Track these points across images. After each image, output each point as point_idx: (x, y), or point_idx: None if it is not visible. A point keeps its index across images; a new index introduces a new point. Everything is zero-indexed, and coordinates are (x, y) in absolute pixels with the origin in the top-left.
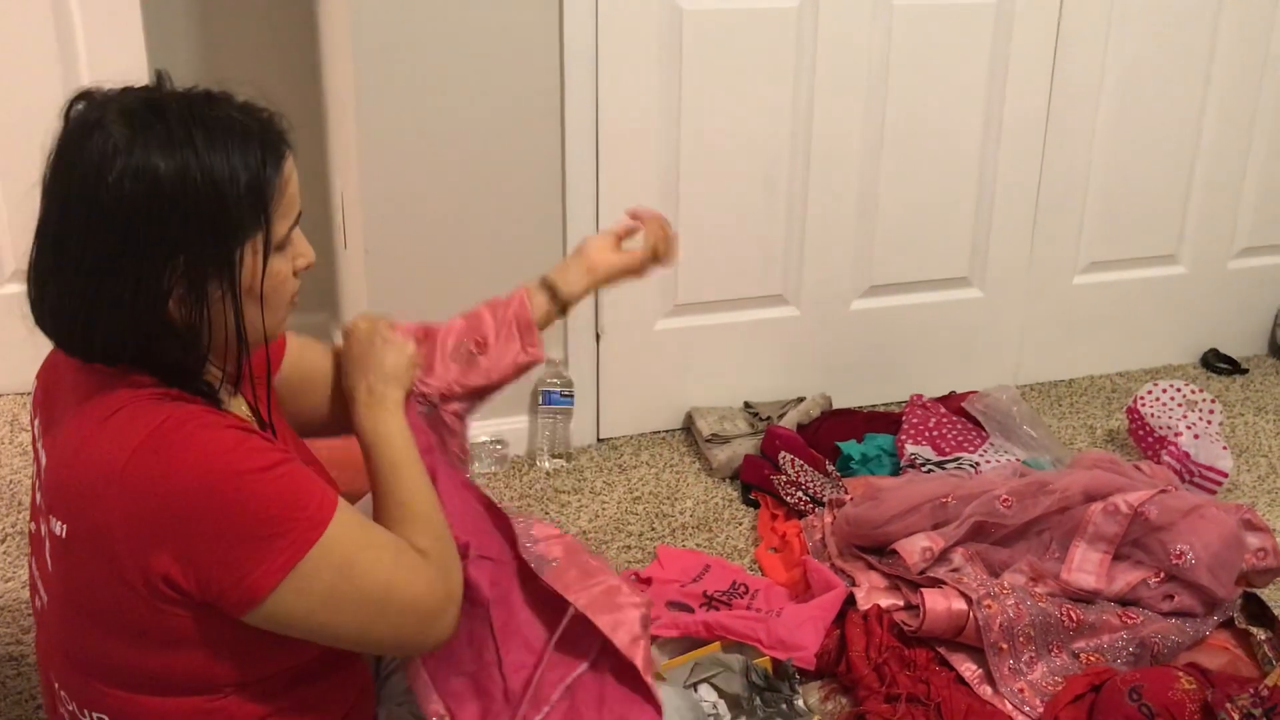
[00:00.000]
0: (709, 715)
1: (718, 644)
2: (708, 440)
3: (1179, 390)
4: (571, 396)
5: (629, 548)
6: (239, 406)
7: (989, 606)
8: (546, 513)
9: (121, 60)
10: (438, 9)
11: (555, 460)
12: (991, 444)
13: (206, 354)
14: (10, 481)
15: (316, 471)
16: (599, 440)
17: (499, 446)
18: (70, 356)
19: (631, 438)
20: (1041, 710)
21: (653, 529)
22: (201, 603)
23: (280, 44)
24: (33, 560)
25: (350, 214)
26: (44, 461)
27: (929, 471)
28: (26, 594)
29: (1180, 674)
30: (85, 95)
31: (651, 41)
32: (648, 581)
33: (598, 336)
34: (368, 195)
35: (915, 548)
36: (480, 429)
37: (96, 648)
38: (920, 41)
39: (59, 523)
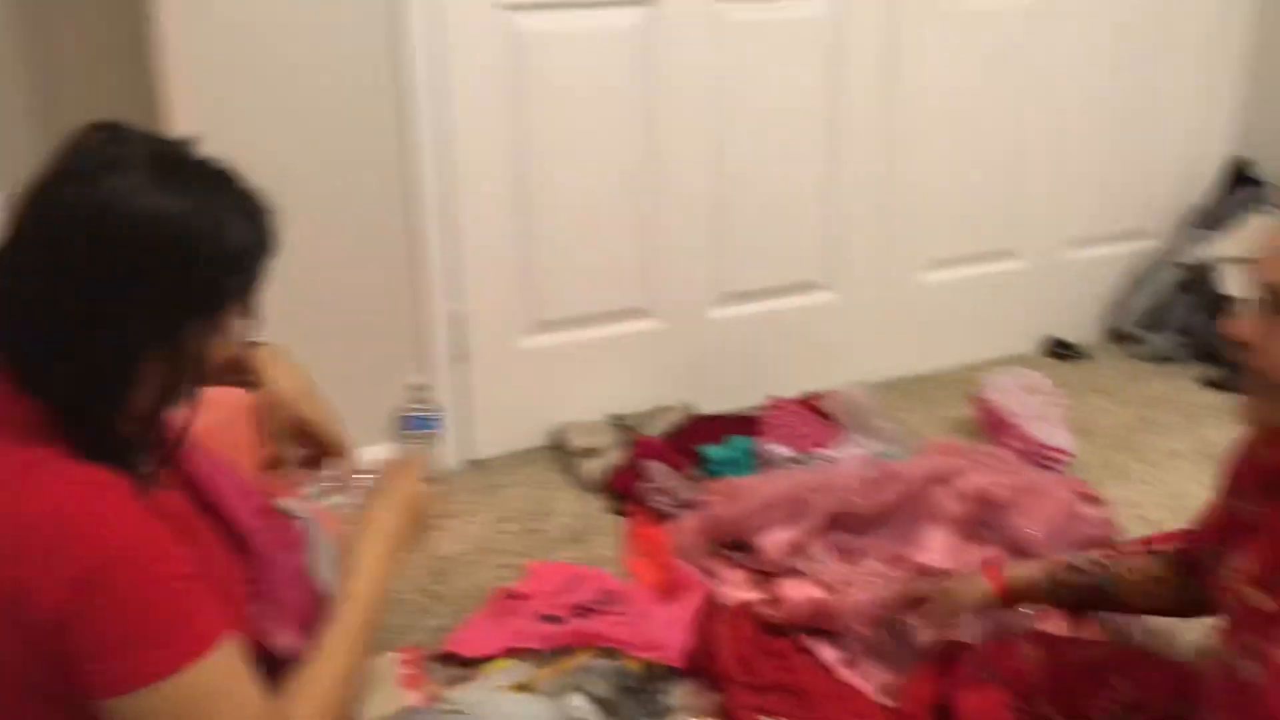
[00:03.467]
0: None
1: (589, 651)
2: (576, 454)
3: (1021, 377)
4: (438, 420)
5: (501, 566)
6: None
7: (846, 593)
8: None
9: None
10: (266, 49)
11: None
12: (848, 440)
13: (126, 429)
14: None
15: (228, 576)
16: (468, 462)
17: (365, 476)
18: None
19: (501, 457)
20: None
21: (524, 546)
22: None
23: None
24: None
25: None
26: None
27: (787, 469)
28: None
29: (1023, 643)
30: (110, 127)
31: (497, 65)
32: (518, 597)
33: (460, 359)
34: None
35: (774, 541)
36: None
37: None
38: (758, 54)
39: None
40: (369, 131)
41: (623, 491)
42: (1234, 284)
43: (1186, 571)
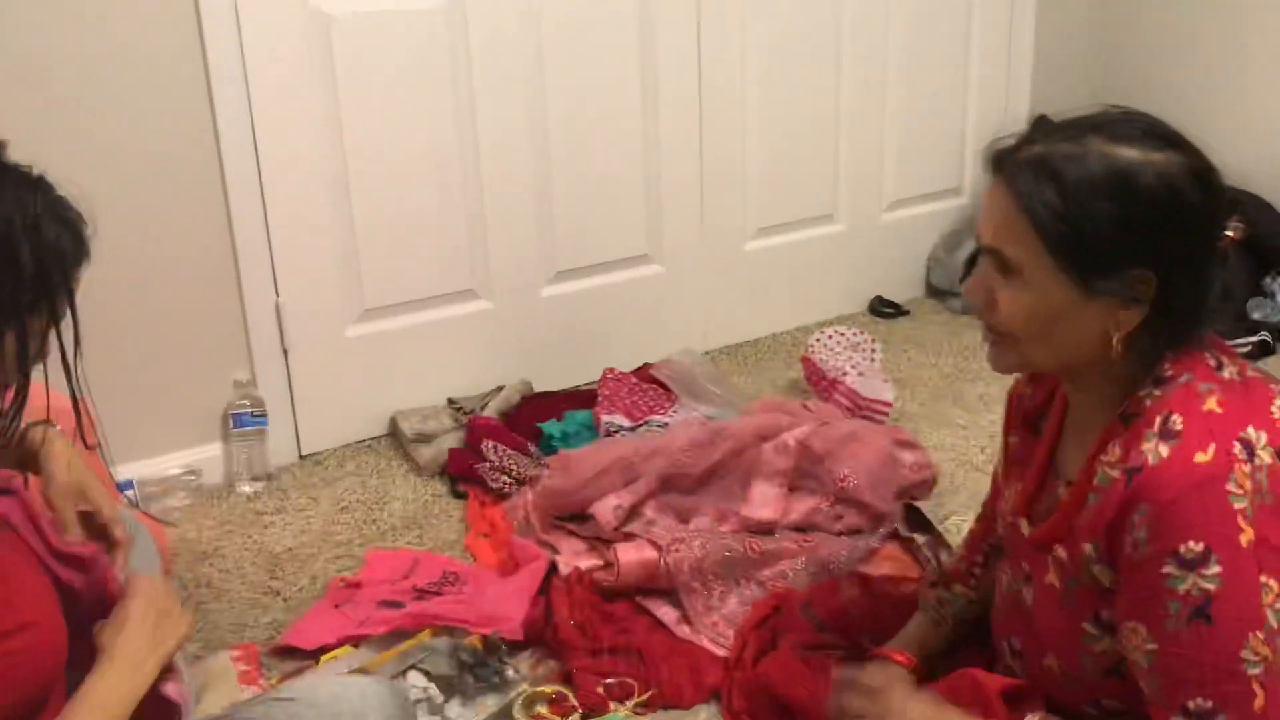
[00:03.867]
0: (418, 700)
1: (426, 632)
2: (412, 440)
3: (843, 334)
4: (264, 416)
5: (338, 557)
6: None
7: (677, 550)
8: (249, 536)
9: None
10: (67, 41)
11: (255, 483)
12: (681, 405)
13: None
14: None
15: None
16: (301, 457)
17: (192, 478)
18: None
19: (335, 450)
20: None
21: (362, 535)
22: None
23: None
24: None
25: None
26: None
27: (622, 435)
28: None
29: (844, 583)
30: None
31: (300, 51)
32: (356, 586)
33: (285, 352)
34: None
35: (607, 507)
36: (170, 461)
37: None
38: (570, 31)
39: None
40: (175, 124)
41: (460, 474)
42: None
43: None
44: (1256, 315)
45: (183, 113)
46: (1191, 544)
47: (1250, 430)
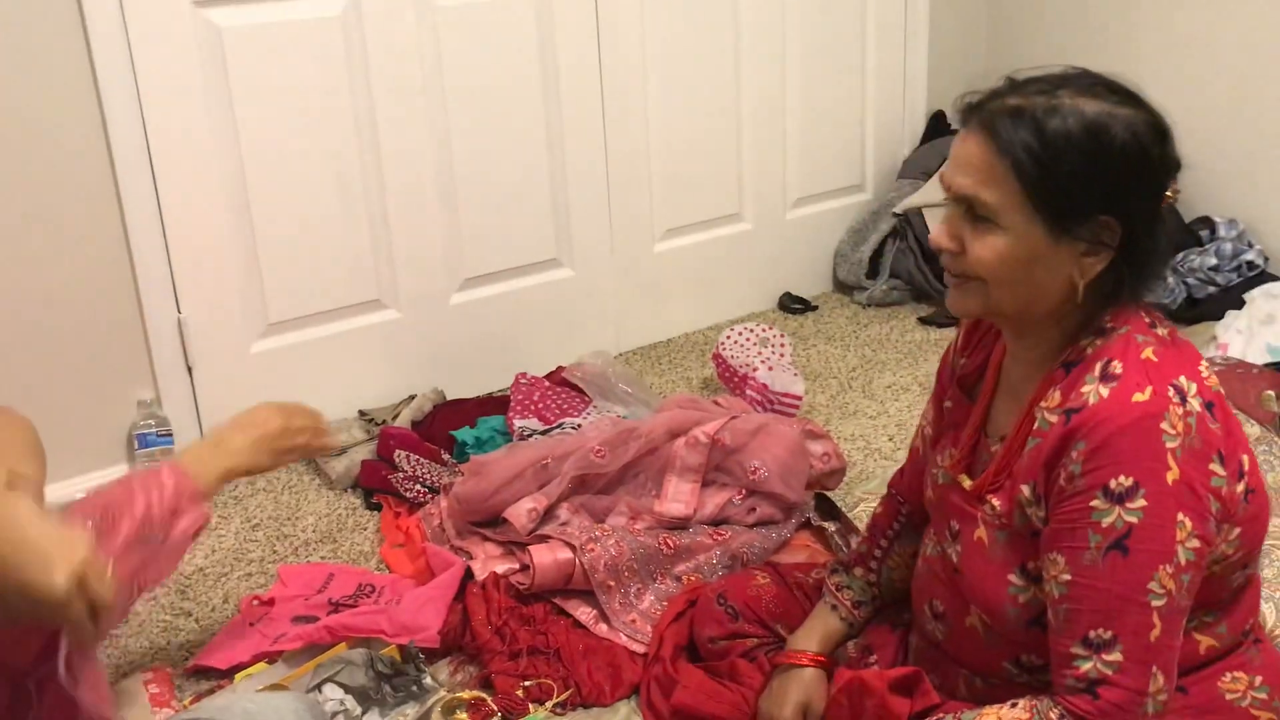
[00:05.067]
0: (335, 713)
1: (343, 645)
2: (323, 455)
3: (752, 331)
4: (170, 435)
5: (250, 574)
6: None
7: (592, 549)
8: None
9: None
10: None
11: None
12: (594, 407)
13: None
14: None
15: None
16: None
17: None
18: None
19: None
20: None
21: (274, 552)
22: None
23: None
24: None
25: None
26: None
27: (535, 440)
28: None
29: (757, 573)
30: None
31: (192, 64)
32: (270, 603)
33: (189, 369)
34: None
35: (521, 511)
36: (74, 485)
37: None
38: (469, 39)
39: None
40: (68, 141)
41: (374, 485)
42: (933, 228)
43: (924, 517)
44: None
45: (73, 129)
46: (1122, 478)
47: (1183, 379)
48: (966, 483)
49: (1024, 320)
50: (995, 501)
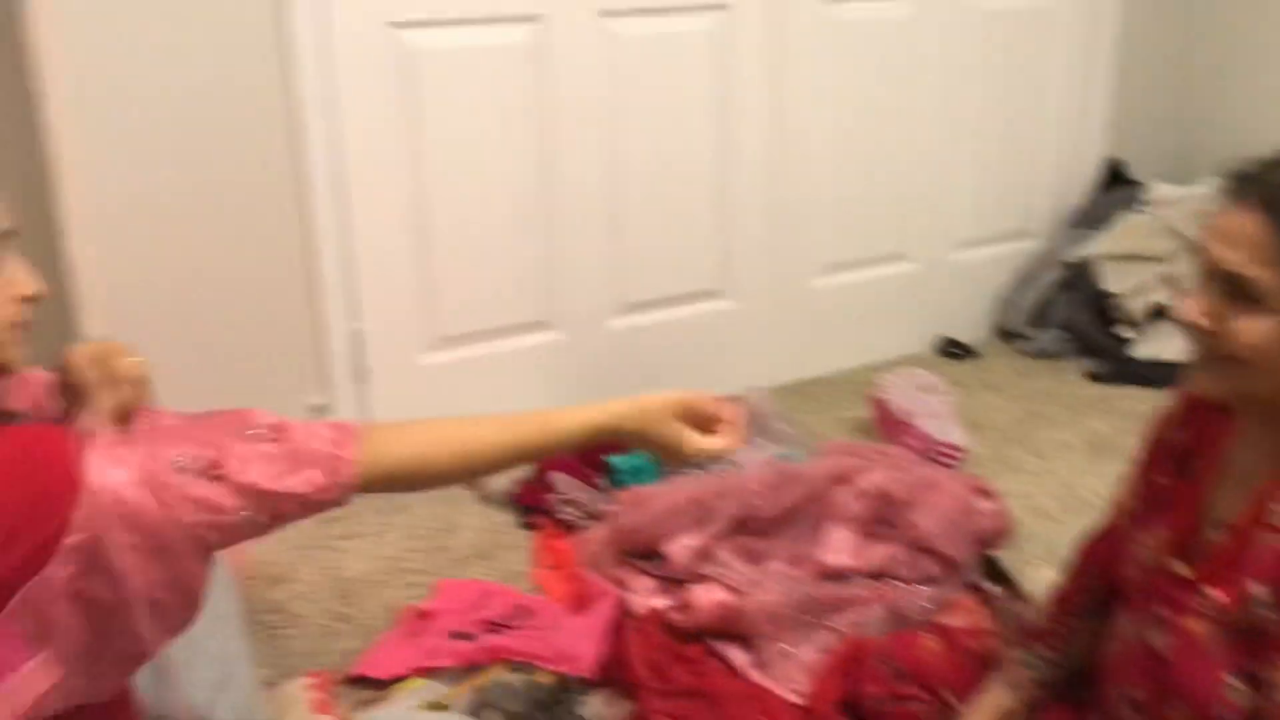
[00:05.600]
0: None
1: (501, 667)
2: None
3: (915, 377)
4: None
5: (410, 585)
6: None
7: (752, 594)
8: (323, 562)
9: None
10: (155, 72)
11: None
12: (750, 443)
13: None
14: None
15: None
16: None
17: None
18: None
19: None
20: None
21: (432, 563)
22: None
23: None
24: None
25: (83, 278)
26: None
27: (689, 473)
28: None
29: (924, 634)
30: None
31: (388, 82)
32: (428, 616)
33: (361, 378)
34: (103, 269)
35: (681, 547)
36: None
37: None
38: (647, 68)
39: None
40: (261, 152)
41: (530, 505)
42: (1112, 280)
43: (1118, 595)
44: None
45: (269, 139)
46: None
47: None
48: (1182, 569)
49: (1274, 407)
50: (1216, 594)
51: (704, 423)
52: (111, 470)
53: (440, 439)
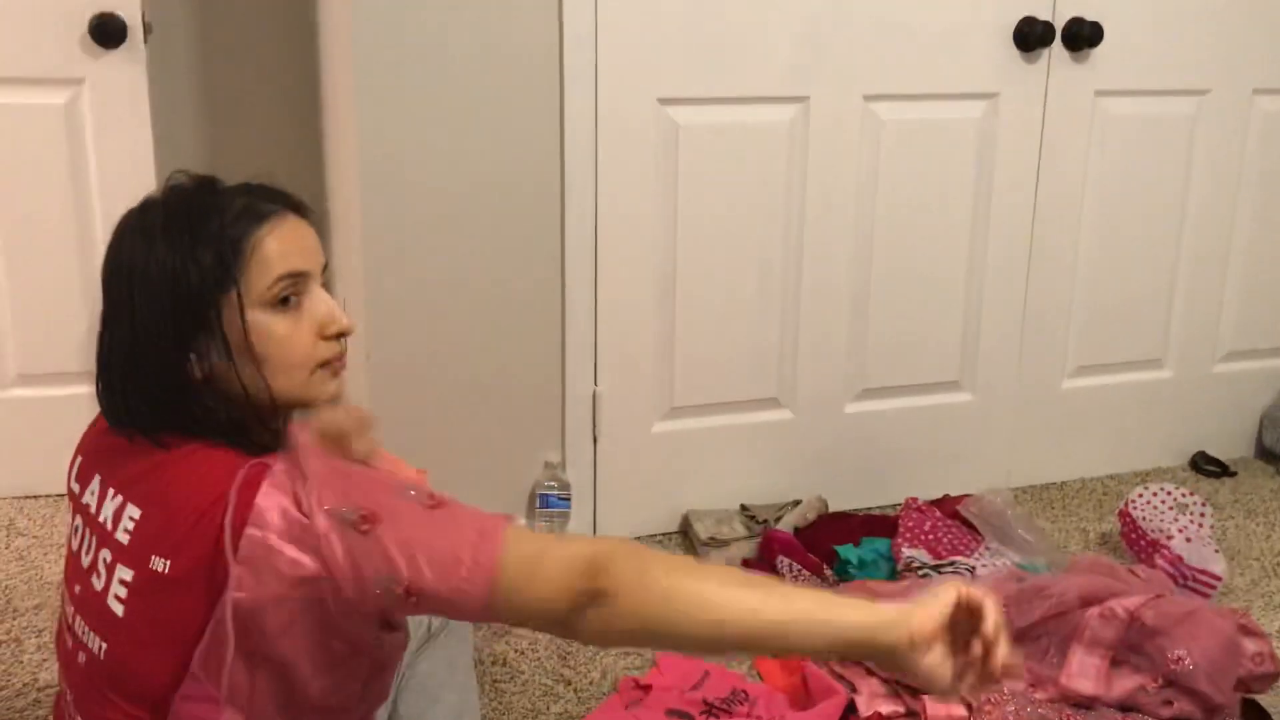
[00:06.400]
0: None
1: None
2: (705, 543)
3: (1169, 493)
4: (569, 499)
5: (627, 654)
6: None
7: (989, 713)
8: None
9: (130, 172)
10: (443, 121)
11: None
12: (987, 548)
13: (242, 413)
14: (4, 587)
15: None
16: None
17: None
18: (124, 431)
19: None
20: None
21: None
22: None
23: (285, 151)
24: (77, 620)
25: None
26: (118, 513)
27: (925, 576)
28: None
29: None
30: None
31: (649, 153)
32: (647, 688)
33: (595, 439)
34: (371, 301)
35: None
36: None
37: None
38: (908, 154)
39: (161, 560)
40: (534, 211)
41: None
42: None
43: None
44: None
45: (536, 203)
46: None
47: None
48: None
49: None
50: None
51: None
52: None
53: (704, 606)
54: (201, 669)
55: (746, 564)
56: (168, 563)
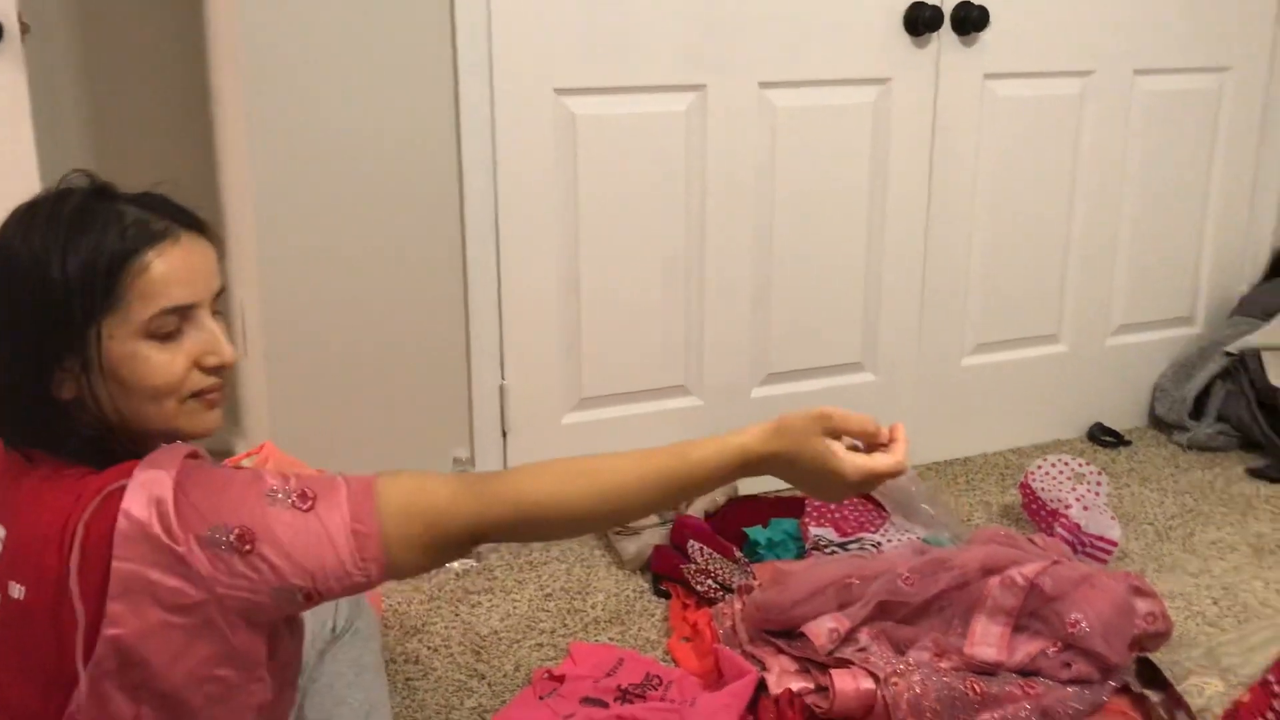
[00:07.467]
0: None
1: None
2: (617, 533)
3: (1067, 464)
4: None
5: (541, 645)
6: None
7: (896, 684)
8: (457, 614)
9: (13, 175)
10: (336, 116)
11: (465, 561)
12: (892, 523)
13: (108, 437)
14: None
15: None
16: None
17: None
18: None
19: None
20: None
21: (565, 625)
22: None
23: (175, 152)
24: None
25: (250, 321)
26: None
27: (832, 553)
28: None
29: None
30: None
31: (548, 145)
32: (560, 679)
33: (504, 434)
34: (268, 301)
35: (822, 629)
36: None
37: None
38: (804, 140)
39: (18, 586)
40: (431, 207)
41: (664, 572)
42: (1276, 373)
43: None
44: None
45: (435, 199)
46: None
47: None
48: None
49: None
50: None
51: (864, 443)
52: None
53: (576, 473)
54: (82, 712)
55: (658, 550)
56: (23, 589)
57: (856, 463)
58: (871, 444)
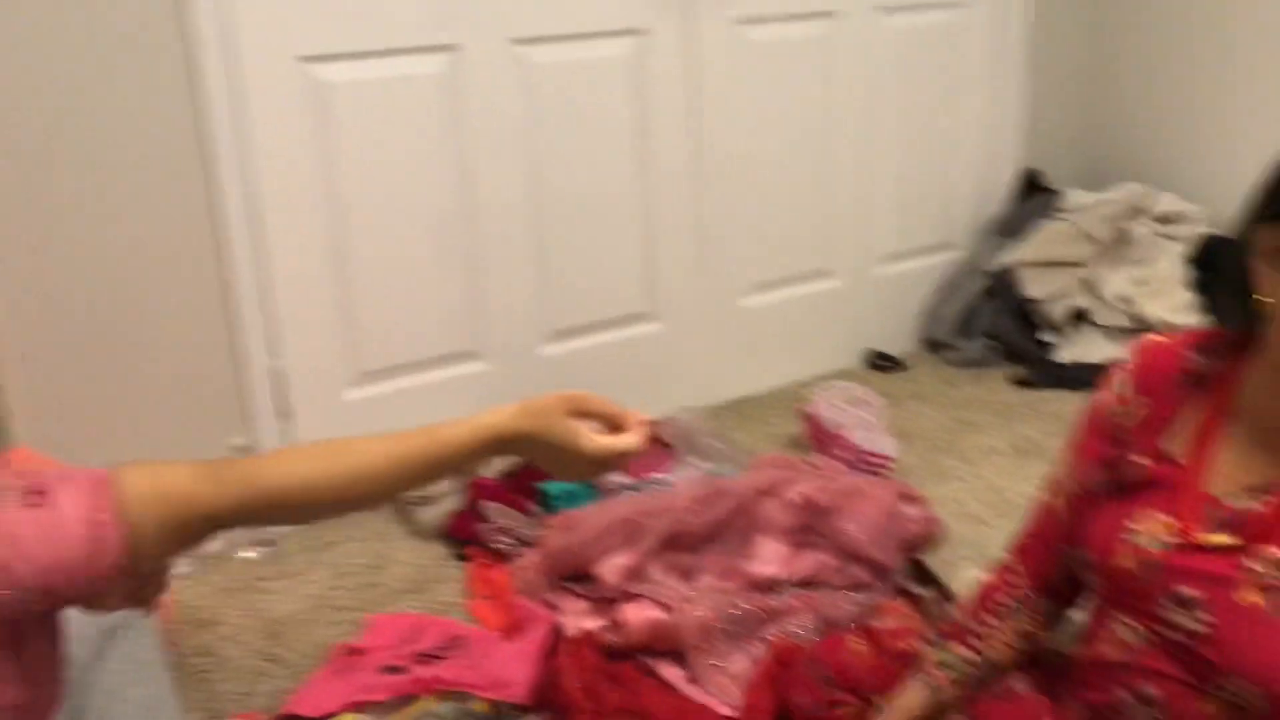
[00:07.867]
0: None
1: (434, 697)
2: (412, 503)
3: (845, 390)
4: None
5: (339, 623)
6: None
7: (684, 610)
8: (249, 602)
9: None
10: (55, 114)
11: (256, 548)
12: (683, 463)
13: None
14: None
15: None
16: None
17: None
18: None
19: None
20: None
21: (363, 601)
22: None
23: None
24: None
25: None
26: None
27: (625, 495)
28: None
29: (851, 639)
30: None
31: (299, 115)
32: (359, 652)
33: (284, 416)
34: (14, 302)
35: (612, 567)
36: None
37: None
38: (564, 95)
39: None
40: (174, 188)
41: (462, 536)
42: (1033, 287)
43: (1047, 593)
44: None
45: (178, 177)
46: None
47: None
48: (1224, 540)
49: None
50: (1272, 551)
51: (607, 426)
52: None
53: (323, 455)
54: None
55: (455, 515)
56: None
57: (599, 442)
58: (615, 426)
